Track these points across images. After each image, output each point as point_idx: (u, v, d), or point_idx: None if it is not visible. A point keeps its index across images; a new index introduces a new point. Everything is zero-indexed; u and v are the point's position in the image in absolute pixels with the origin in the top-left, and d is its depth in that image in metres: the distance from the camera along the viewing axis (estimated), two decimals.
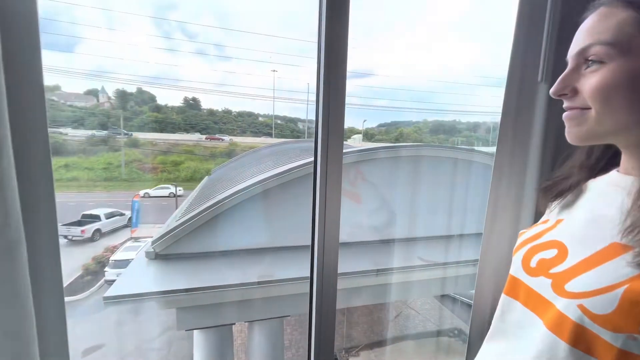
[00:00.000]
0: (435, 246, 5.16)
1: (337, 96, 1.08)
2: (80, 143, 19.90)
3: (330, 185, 1.13)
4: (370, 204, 5.05)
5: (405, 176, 5.21)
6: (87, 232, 10.74)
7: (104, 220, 11.20)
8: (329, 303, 1.28)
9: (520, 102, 1.22)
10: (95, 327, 7.79)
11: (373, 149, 5.06)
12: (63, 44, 21.21)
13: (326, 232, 1.18)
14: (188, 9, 26.59)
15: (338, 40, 1.07)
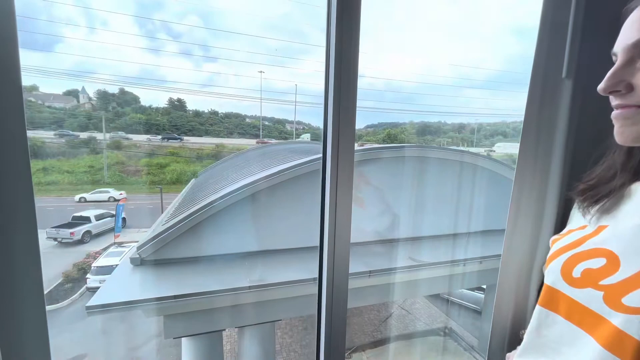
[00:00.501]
0: (429, 246, 5.22)
1: (348, 95, 1.05)
2: (60, 145, 19.14)
3: (342, 186, 1.10)
4: (372, 206, 5.08)
5: (397, 176, 5.26)
6: (76, 234, 10.70)
7: (94, 222, 11.18)
8: (340, 305, 1.25)
9: (544, 99, 1.17)
10: (77, 336, 7.50)
11: (375, 148, 5.09)
12: (41, 42, 20.18)
13: (337, 233, 1.14)
14: (173, 9, 25.90)
15: (350, 36, 1.04)
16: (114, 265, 4.65)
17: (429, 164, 5.43)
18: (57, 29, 22.45)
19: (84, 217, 11.27)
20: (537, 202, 1.20)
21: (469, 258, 4.95)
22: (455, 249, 5.26)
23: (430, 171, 5.42)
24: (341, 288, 1.24)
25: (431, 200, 5.48)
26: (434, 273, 4.91)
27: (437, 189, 5.54)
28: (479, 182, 5.68)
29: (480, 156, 5.85)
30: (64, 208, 14.72)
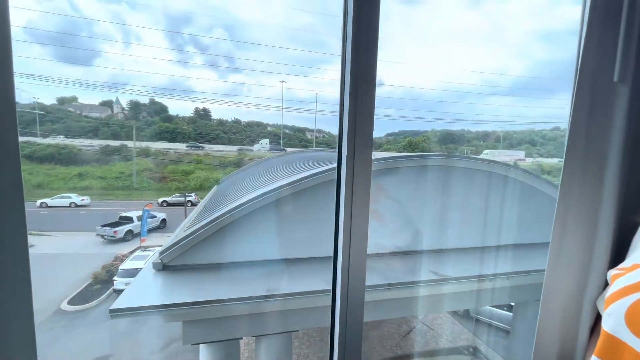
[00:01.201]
0: (451, 259, 5.01)
1: (365, 102, 1.01)
2: (94, 153, 20.34)
3: (358, 196, 1.05)
4: (391, 218, 4.95)
5: (421, 187, 5.10)
6: (119, 233, 12.11)
7: (136, 222, 12.41)
8: (355, 317, 1.18)
9: (593, 105, 1.06)
10: (103, 337, 7.77)
11: (398, 156, 4.98)
12: (83, 57, 21.76)
13: (352, 244, 1.09)
14: (200, 23, 27.26)
15: (367, 41, 0.99)
16: (139, 268, 4.79)
17: (452, 173, 5.24)
18: (97, 44, 24.07)
19: (128, 217, 12.40)
20: (587, 224, 1.05)
21: (495, 273, 4.69)
22: (480, 264, 4.99)
23: (452, 180, 5.23)
24: (357, 301, 1.17)
25: (452, 211, 5.27)
26: (457, 288, 4.68)
27: (459, 199, 5.33)
28: (506, 193, 5.40)
29: (506, 165, 5.57)
30: (96, 212, 15.55)
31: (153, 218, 13.34)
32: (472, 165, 5.27)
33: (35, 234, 13.04)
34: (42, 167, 17.82)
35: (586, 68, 1.02)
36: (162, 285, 4.03)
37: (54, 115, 22.19)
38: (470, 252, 5.20)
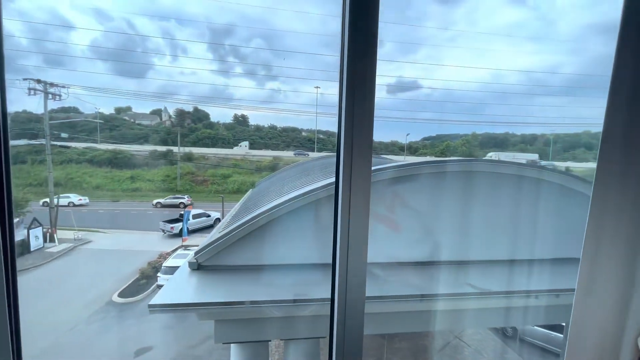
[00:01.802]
0: (490, 272, 4.66)
1: (363, 107, 0.96)
2: (144, 157, 22.05)
3: (355, 203, 1.00)
4: (411, 227, 4.75)
5: (452, 194, 4.83)
6: (175, 229, 13.62)
7: (192, 220, 13.85)
8: (354, 328, 1.13)
9: (631, 109, 0.92)
10: (145, 329, 8.33)
11: (415, 164, 4.77)
12: (137, 70, 23.83)
13: (350, 252, 1.04)
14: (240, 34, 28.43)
15: (365, 44, 0.95)
16: (178, 266, 5.09)
17: (486, 179, 4.89)
18: (149, 58, 26.28)
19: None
20: (625, 241, 0.90)
21: (542, 290, 4.26)
22: (524, 278, 4.58)
23: (499, 187, 4.88)
24: (356, 311, 1.10)
25: (493, 219, 4.90)
26: (497, 303, 4.33)
27: (497, 207, 4.95)
28: (553, 201, 4.91)
29: (550, 170, 5.05)
30: (145, 212, 16.86)
31: (208, 217, 14.44)
32: (508, 171, 4.87)
33: (93, 230, 14.46)
34: (101, 170, 19.80)
35: (620, 65, 0.89)
36: (197, 284, 4.22)
37: (112, 123, 24.57)
38: (510, 265, 4.80)
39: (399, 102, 24.67)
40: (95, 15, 26.32)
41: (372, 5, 0.92)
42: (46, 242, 12.54)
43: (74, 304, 9.23)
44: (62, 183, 17.07)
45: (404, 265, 4.64)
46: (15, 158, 11.46)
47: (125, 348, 7.58)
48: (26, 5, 23.62)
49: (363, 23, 0.91)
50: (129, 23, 27.71)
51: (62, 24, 23.53)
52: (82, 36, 24.60)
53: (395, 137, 19.39)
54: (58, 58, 23.10)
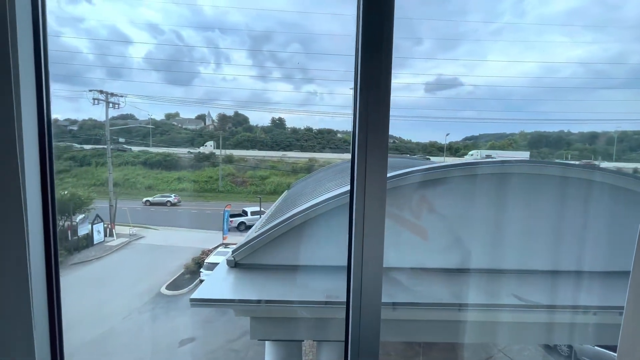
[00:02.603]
0: (534, 283, 4.27)
1: (378, 107, 0.94)
2: (190, 160, 23.52)
3: (370, 207, 0.98)
4: (440, 234, 4.51)
5: (488, 198, 4.50)
6: (234, 222, 14.92)
7: (249, 216, 15.22)
8: (369, 335, 1.09)
9: None
10: (189, 322, 8.88)
11: (446, 166, 4.52)
12: (184, 79, 25.66)
13: (365, 256, 1.02)
14: (278, 40, 29.28)
15: (379, 43, 0.92)
16: (219, 263, 5.37)
17: (525, 181, 4.47)
18: (195, 67, 28.09)
19: (245, 211, 15.67)
20: None
21: (601, 306, 3.79)
22: (579, 292, 4.11)
23: (525, 190, 4.47)
24: (371, 315, 1.07)
25: (532, 225, 4.48)
26: (547, 318, 3.94)
27: (537, 211, 4.51)
28: (605, 205, 4.36)
29: (603, 170, 4.46)
30: (189, 211, 17.99)
31: (257, 215, 15.38)
32: (552, 172, 4.41)
33: (146, 227, 15.78)
34: (152, 171, 21.58)
35: None
36: (234, 281, 4.42)
37: (162, 128, 26.66)
38: (562, 277, 4.36)
39: (438, 101, 23.65)
40: (150, 29, 28.82)
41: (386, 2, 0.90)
42: (106, 236, 13.95)
43: (128, 294, 10.13)
44: (120, 183, 18.88)
45: (437, 272, 4.43)
46: (82, 161, 12.89)
47: (171, 338, 8.14)
48: (93, 24, 26.50)
49: (377, 19, 0.89)
50: (177, 35, 29.96)
51: (122, 39, 26.09)
52: (138, 49, 27.09)
53: (434, 138, 18.62)
54: (118, 70, 25.64)
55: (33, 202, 0.92)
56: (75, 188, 16.29)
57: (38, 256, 0.97)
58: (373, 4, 0.90)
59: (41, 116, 0.93)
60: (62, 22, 25.30)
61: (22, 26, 0.88)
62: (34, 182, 0.92)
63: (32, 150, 0.92)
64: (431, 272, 4.40)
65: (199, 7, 28.20)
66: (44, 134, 0.94)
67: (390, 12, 0.90)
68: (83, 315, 8.86)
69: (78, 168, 17.77)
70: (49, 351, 1.03)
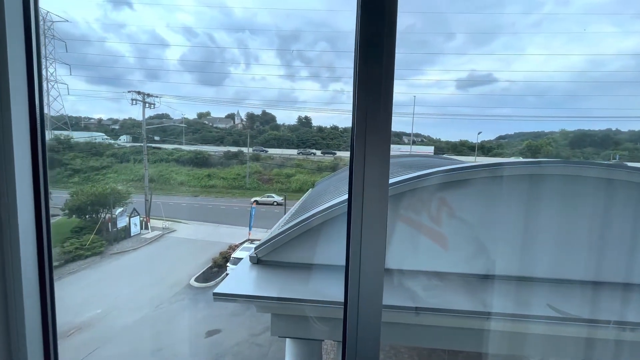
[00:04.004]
0: (572, 294, 3.94)
1: (379, 102, 0.87)
2: (219, 157, 24.30)
3: (370, 207, 0.93)
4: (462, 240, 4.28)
5: (517, 201, 4.20)
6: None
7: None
8: (369, 337, 1.04)
9: None
10: (214, 313, 9.21)
11: (468, 167, 4.27)
12: (216, 79, 26.74)
13: (363, 257, 0.97)
14: (306, 39, 29.63)
15: (380, 33, 0.85)
16: (243, 258, 5.51)
17: (559, 183, 4.11)
18: (226, 67, 28.99)
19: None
20: None
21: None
22: (625, 305, 3.73)
23: (560, 192, 4.11)
24: (371, 322, 1.01)
25: (568, 231, 4.12)
26: (588, 332, 3.62)
27: (574, 217, 4.14)
28: None
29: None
30: (218, 207, 18.64)
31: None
32: (591, 174, 4.01)
33: (177, 221, 16.60)
34: (184, 168, 22.63)
35: None
36: (256, 278, 4.50)
37: (194, 127, 27.85)
38: (605, 289, 3.99)
39: (470, 98, 22.53)
40: (184, 32, 30.19)
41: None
42: (142, 229, 14.84)
43: (161, 285, 10.70)
44: (154, 179, 19.98)
45: (454, 277, 4.23)
46: (122, 157, 13.80)
47: (199, 328, 8.49)
48: (134, 29, 28.15)
49: (379, 8, 0.82)
50: (210, 37, 31.10)
51: (160, 42, 27.52)
52: (174, 52, 28.42)
53: (465, 136, 17.80)
54: (155, 72, 27.15)
55: (24, 203, 0.91)
56: (115, 183, 17.48)
57: (30, 261, 0.94)
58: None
59: (33, 113, 0.93)
60: (107, 28, 27.09)
61: (11, 23, 0.87)
62: (26, 181, 0.91)
63: (24, 149, 0.90)
64: (454, 277, 4.21)
65: (230, 9, 28.96)
66: (35, 131, 0.94)
67: (393, 8, 0.84)
68: (120, 302, 9.49)
69: (118, 164, 19.06)
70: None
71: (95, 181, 17.30)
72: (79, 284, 10.64)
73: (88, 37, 22.31)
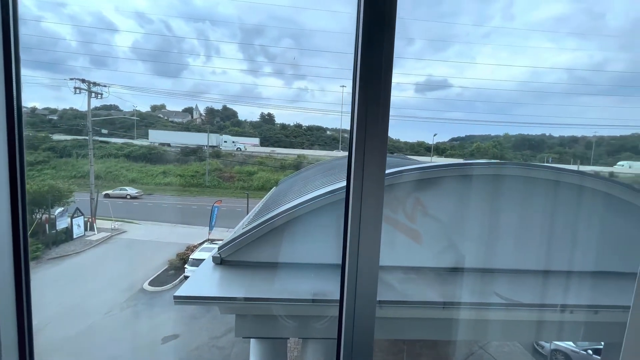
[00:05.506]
0: (519, 283, 4.40)
1: (378, 103, 0.91)
2: (176, 153, 22.97)
3: (367, 205, 0.97)
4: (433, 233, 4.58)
5: (479, 198, 4.60)
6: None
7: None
8: (364, 332, 1.08)
9: None
10: (172, 317, 8.74)
11: (440, 165, 4.59)
12: (173, 70, 25.10)
13: (360, 254, 1.01)
14: (270, 34, 28.97)
15: (380, 35, 0.89)
16: (204, 259, 5.28)
17: (517, 183, 4.60)
18: (184, 58, 27.44)
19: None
20: None
21: (577, 305, 3.96)
22: (557, 290, 4.28)
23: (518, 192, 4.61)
24: (365, 314, 1.06)
25: (523, 226, 4.63)
26: (524, 315, 4.08)
27: (528, 213, 4.66)
28: (592, 209, 4.54)
29: (592, 176, 4.64)
30: (174, 206, 17.64)
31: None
32: (544, 175, 4.55)
33: (128, 221, 15.40)
34: (136, 165, 21.02)
35: None
36: (220, 278, 4.36)
37: (147, 120, 25.96)
38: (540, 276, 4.51)
39: (427, 102, 23.90)
40: (137, 18, 27.95)
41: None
42: (87, 230, 13.52)
43: (110, 290, 9.87)
44: (102, 176, 18.31)
45: (424, 271, 4.51)
46: (62, 152, 12.34)
47: (154, 335, 7.99)
48: (76, 10, 25.42)
49: (380, 9, 0.86)
50: (167, 25, 29.15)
51: (108, 27, 25.20)
52: (124, 38, 26.21)
53: (422, 138, 18.89)
54: (102, 59, 24.80)
55: (0, 198, 0.86)
56: (55, 180, 15.70)
57: (5, 255, 0.91)
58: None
59: (10, 106, 0.86)
60: (43, 5, 24.14)
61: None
62: (2, 176, 0.86)
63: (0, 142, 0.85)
64: (416, 271, 4.47)
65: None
66: (13, 125, 0.87)
67: (393, 7, 0.88)
68: (62, 311, 8.59)
69: (58, 159, 17.13)
70: (17, 356, 0.96)
71: (30, 177, 15.40)
72: None
73: (20, 16, 19.61)
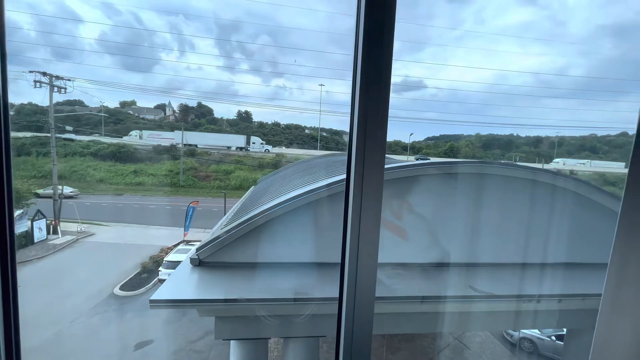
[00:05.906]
0: (494, 276, 4.64)
1: (378, 104, 0.93)
2: (148, 152, 22.01)
3: (367, 204, 0.98)
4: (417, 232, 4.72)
5: (461, 196, 4.79)
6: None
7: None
8: (363, 329, 1.10)
9: None
10: (146, 323, 8.39)
11: (424, 164, 4.74)
12: (144, 65, 23.97)
13: (360, 251, 1.02)
14: (247, 30, 28.44)
15: (381, 38, 0.90)
16: (180, 261, 5.10)
17: (497, 182, 4.85)
18: (156, 53, 26.27)
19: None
20: None
21: (544, 294, 4.24)
22: (526, 282, 4.55)
23: (498, 190, 4.85)
24: (365, 311, 1.08)
25: (501, 222, 4.87)
26: (497, 307, 4.31)
27: (503, 211, 4.92)
28: (562, 205, 4.87)
29: (564, 176, 4.99)
30: (147, 207, 16.91)
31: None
32: (522, 175, 4.83)
33: (96, 223, 14.57)
34: (105, 164, 19.91)
35: None
36: (198, 280, 4.24)
37: (116, 117, 24.66)
38: (512, 269, 4.78)
39: (403, 102, 24.43)
40: (104, 8, 26.36)
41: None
42: (49, 234, 12.66)
43: (76, 296, 9.31)
44: (66, 176, 17.19)
45: (405, 267, 4.63)
46: (20, 150, 11.42)
47: (126, 341, 7.64)
48: None
49: (380, 13, 0.87)
50: (136, 17, 27.73)
51: (71, 17, 23.60)
52: (90, 30, 24.65)
53: (398, 137, 19.35)
54: (65, 51, 23.20)
55: None
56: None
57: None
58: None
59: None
60: None
61: None
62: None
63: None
64: (397, 267, 4.58)
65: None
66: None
67: (393, 7, 0.89)
68: (24, 320, 7.99)
69: (15, 158, 15.87)
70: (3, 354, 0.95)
71: None
72: None
73: None
